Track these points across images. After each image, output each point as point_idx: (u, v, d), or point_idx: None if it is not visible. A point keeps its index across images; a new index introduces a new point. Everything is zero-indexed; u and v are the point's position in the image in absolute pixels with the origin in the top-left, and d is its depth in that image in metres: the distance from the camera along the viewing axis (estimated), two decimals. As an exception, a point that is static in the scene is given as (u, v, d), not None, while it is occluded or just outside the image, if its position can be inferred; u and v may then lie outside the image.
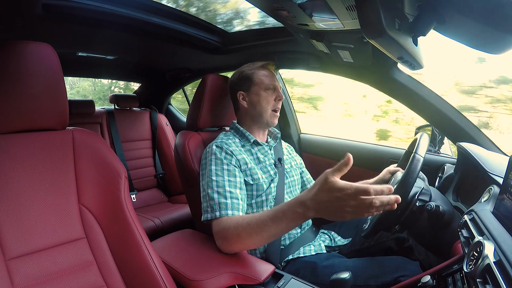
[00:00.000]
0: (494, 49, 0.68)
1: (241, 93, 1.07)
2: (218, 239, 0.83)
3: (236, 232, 0.78)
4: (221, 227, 0.82)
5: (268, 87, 1.04)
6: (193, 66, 1.96)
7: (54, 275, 0.66)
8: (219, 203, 0.86)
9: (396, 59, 0.77)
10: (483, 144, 1.10)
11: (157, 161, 2.10)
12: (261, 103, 1.04)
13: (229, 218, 0.83)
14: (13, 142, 0.69)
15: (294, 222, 0.70)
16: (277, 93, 1.05)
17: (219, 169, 0.92)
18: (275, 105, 1.05)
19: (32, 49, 0.68)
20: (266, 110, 1.04)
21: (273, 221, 0.72)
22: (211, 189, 0.88)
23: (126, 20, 1.15)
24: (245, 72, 1.07)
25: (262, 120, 1.05)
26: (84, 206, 0.74)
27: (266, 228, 0.73)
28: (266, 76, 1.05)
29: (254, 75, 1.05)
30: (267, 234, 0.74)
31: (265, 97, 1.03)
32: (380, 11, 0.58)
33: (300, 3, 0.81)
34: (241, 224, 0.78)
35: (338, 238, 1.11)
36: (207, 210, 0.87)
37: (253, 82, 1.05)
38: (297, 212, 0.69)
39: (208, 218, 0.86)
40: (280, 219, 0.71)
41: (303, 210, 0.67)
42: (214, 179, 0.90)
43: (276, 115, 1.06)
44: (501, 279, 0.43)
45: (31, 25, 1.07)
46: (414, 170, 0.73)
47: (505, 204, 0.58)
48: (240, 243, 0.79)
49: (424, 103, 1.18)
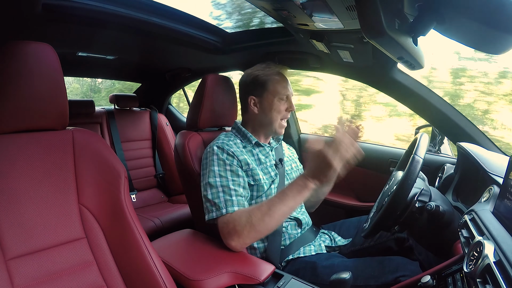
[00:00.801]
0: (494, 49, 0.68)
1: (253, 98, 1.05)
2: (228, 235, 0.83)
3: (248, 221, 0.81)
4: (230, 222, 0.83)
5: (282, 97, 1.03)
6: (193, 66, 1.96)
7: (54, 275, 0.66)
8: (225, 201, 0.86)
9: (396, 59, 0.77)
10: (483, 144, 1.10)
11: (157, 161, 2.10)
12: (272, 112, 1.02)
13: (235, 213, 0.85)
14: (13, 142, 0.69)
15: (299, 194, 0.80)
16: (289, 103, 1.04)
17: (222, 169, 0.92)
18: (285, 115, 1.04)
19: (32, 49, 0.68)
20: (276, 120, 1.03)
21: (281, 199, 0.81)
22: (215, 188, 0.89)
23: (126, 20, 1.15)
24: (259, 77, 1.04)
25: (271, 129, 1.05)
26: (84, 206, 0.74)
27: (275, 208, 0.80)
28: (281, 84, 1.03)
29: (269, 82, 1.03)
30: (277, 213, 0.80)
31: (277, 107, 1.02)
32: (380, 11, 0.58)
33: (300, 3, 0.81)
34: (252, 212, 0.82)
35: (338, 238, 1.11)
36: (211, 209, 0.87)
37: (267, 89, 1.03)
38: (299, 184, 0.80)
39: (213, 217, 0.86)
40: (287, 195, 0.81)
41: (303, 181, 0.80)
42: (218, 179, 0.90)
43: (283, 125, 1.05)
44: (501, 279, 0.43)
45: (31, 25, 1.07)
46: (413, 172, 0.73)
47: (505, 204, 0.58)
48: (253, 231, 0.81)
49: (424, 103, 1.18)
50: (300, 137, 1.82)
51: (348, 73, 1.36)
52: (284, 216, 0.83)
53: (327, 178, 0.78)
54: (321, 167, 0.76)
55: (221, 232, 0.85)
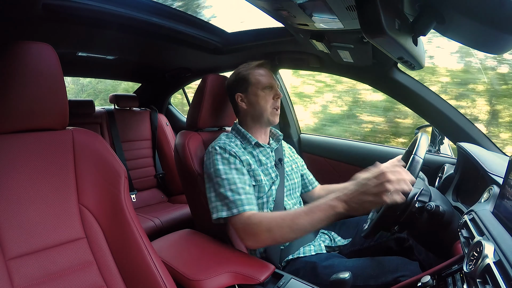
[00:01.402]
0: (494, 49, 0.68)
1: (239, 95, 1.07)
2: (244, 235, 0.85)
3: (268, 228, 0.81)
4: (247, 223, 0.84)
5: (265, 86, 1.04)
6: (193, 66, 1.96)
7: (54, 275, 0.66)
8: (234, 201, 0.87)
9: (396, 59, 0.77)
10: (483, 144, 1.10)
11: (157, 161, 2.10)
12: (260, 103, 1.03)
13: (253, 214, 0.85)
14: (13, 142, 0.69)
15: (325, 215, 0.76)
16: (275, 91, 1.05)
17: (227, 168, 0.93)
18: (274, 104, 1.05)
19: (32, 49, 0.68)
20: (266, 109, 1.04)
21: (307, 214, 0.78)
22: (223, 188, 0.89)
23: (126, 20, 1.15)
24: (241, 73, 1.07)
25: (263, 120, 1.05)
26: (84, 206, 0.74)
27: (299, 222, 0.78)
28: (262, 75, 1.05)
29: (251, 76, 1.05)
30: (299, 229, 0.79)
31: (263, 97, 1.03)
32: (380, 11, 0.58)
33: (300, 3, 0.81)
34: (274, 220, 0.81)
35: (338, 239, 1.11)
36: (221, 209, 0.88)
37: (250, 83, 1.04)
38: (329, 205, 0.76)
39: (223, 216, 0.87)
40: (313, 211, 0.78)
41: (335, 203, 0.75)
42: (225, 178, 0.90)
43: (276, 113, 1.06)
44: (501, 279, 0.43)
45: (31, 25, 1.07)
46: (413, 172, 0.73)
47: (505, 204, 0.58)
48: (271, 238, 0.82)
49: (424, 103, 1.18)
50: (300, 137, 1.82)
51: (348, 73, 1.36)
52: (305, 232, 0.81)
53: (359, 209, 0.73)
54: (357, 196, 0.72)
55: (236, 231, 0.86)
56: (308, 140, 1.78)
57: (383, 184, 0.68)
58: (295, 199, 1.11)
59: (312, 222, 0.77)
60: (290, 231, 0.79)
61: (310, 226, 0.78)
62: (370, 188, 0.69)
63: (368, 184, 0.70)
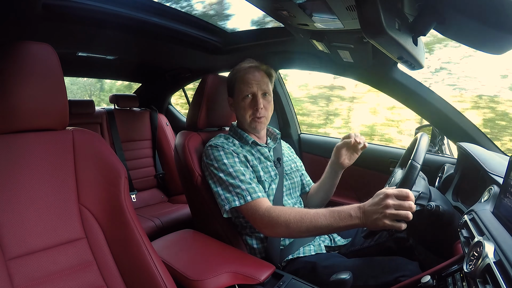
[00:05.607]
0: (494, 49, 0.68)
1: (230, 99, 1.09)
2: (261, 224, 0.87)
3: (286, 223, 0.83)
4: (266, 215, 0.86)
5: (245, 95, 1.01)
6: (193, 66, 1.96)
7: (54, 275, 0.66)
8: (247, 189, 0.89)
9: (396, 59, 0.77)
10: (483, 144, 1.10)
11: (157, 161, 2.10)
12: (240, 111, 1.04)
13: (272, 207, 0.87)
14: (13, 142, 0.69)
15: (343, 222, 0.78)
16: (254, 101, 1.01)
17: (232, 161, 0.94)
18: (254, 113, 1.01)
19: (32, 49, 0.68)
20: (245, 119, 1.03)
21: (327, 219, 0.79)
22: (232, 178, 0.91)
23: (126, 20, 1.15)
24: (230, 77, 1.07)
25: (245, 127, 1.06)
26: (84, 206, 0.74)
27: (318, 224, 0.80)
28: (245, 82, 1.01)
29: (236, 82, 1.04)
30: (316, 230, 0.81)
31: (242, 106, 1.02)
32: (380, 11, 0.58)
33: (300, 3, 0.81)
34: (292, 216, 0.83)
35: (338, 238, 1.11)
36: (233, 199, 0.89)
37: (235, 89, 1.05)
38: (348, 213, 0.77)
39: (236, 205, 0.89)
40: (333, 215, 0.79)
41: (354, 213, 0.77)
42: (232, 170, 0.92)
43: (258, 121, 1.02)
44: (501, 279, 0.43)
45: (31, 25, 1.07)
46: (410, 178, 0.74)
47: (505, 204, 0.58)
48: (286, 233, 0.85)
49: (424, 103, 1.18)
50: (300, 137, 1.81)
51: (348, 73, 1.36)
52: (320, 234, 0.85)
53: (372, 224, 0.73)
54: (374, 210, 0.73)
55: (252, 219, 0.89)
56: (308, 140, 1.78)
57: (382, 208, 0.71)
58: (295, 198, 1.11)
59: (330, 228, 0.79)
60: (307, 231, 0.82)
61: (327, 231, 0.81)
62: (378, 208, 0.72)
63: (376, 203, 0.73)
